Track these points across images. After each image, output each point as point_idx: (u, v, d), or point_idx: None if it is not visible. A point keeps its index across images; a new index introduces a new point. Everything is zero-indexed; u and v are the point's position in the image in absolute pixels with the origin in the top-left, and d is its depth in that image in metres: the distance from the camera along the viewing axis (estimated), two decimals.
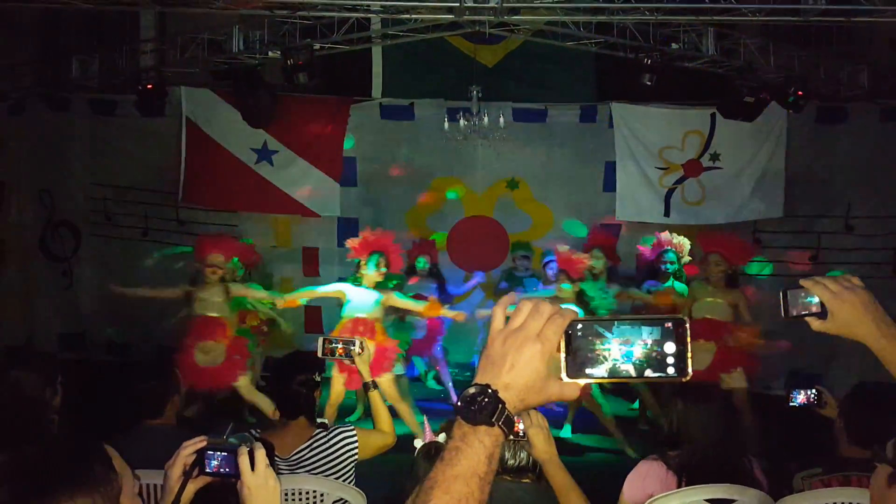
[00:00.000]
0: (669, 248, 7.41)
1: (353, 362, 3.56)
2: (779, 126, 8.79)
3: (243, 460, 1.78)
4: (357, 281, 6.59)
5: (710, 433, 3.11)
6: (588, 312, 6.68)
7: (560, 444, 2.55)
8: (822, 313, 1.66)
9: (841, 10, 6.78)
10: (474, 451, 1.15)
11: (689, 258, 7.39)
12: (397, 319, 7.37)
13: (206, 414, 6.75)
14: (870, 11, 6.71)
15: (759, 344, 6.39)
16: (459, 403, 1.17)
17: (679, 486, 3.05)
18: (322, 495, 3.16)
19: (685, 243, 7.48)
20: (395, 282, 7.49)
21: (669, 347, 1.14)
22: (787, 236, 9.10)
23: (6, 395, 3.20)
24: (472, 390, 1.17)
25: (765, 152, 8.92)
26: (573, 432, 7.10)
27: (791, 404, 3.55)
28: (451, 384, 8.19)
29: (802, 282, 1.69)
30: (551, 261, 7.60)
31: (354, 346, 3.53)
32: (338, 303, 6.79)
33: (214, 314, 6.79)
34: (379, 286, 6.71)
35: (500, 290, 8.47)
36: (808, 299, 1.68)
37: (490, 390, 1.16)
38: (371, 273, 6.53)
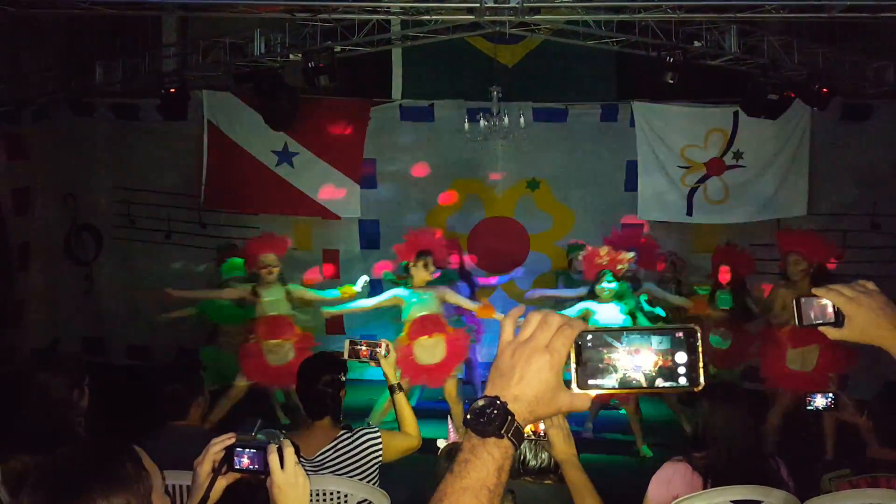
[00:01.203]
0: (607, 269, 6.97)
1: (378, 365, 3.56)
2: (803, 123, 8.70)
3: (273, 458, 1.79)
4: (407, 283, 6.63)
5: (736, 434, 3.08)
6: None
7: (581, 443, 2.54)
8: (838, 321, 1.64)
9: (866, 5, 6.70)
10: (483, 463, 1.14)
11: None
12: (459, 319, 7.39)
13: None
14: (895, 7, 6.62)
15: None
16: (468, 416, 1.17)
17: (705, 488, 3.03)
18: (346, 496, 3.17)
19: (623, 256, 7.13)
20: (452, 278, 7.58)
21: (681, 357, 1.13)
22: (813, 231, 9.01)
23: (35, 397, 3.24)
24: (481, 402, 1.16)
25: (789, 150, 8.83)
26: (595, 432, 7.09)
27: (808, 408, 3.60)
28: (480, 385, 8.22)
29: (815, 290, 1.66)
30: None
31: (380, 348, 3.53)
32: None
33: (278, 313, 6.86)
34: (432, 283, 6.78)
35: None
36: (823, 307, 1.66)
37: (499, 402, 1.15)
38: (423, 273, 6.56)
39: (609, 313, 6.64)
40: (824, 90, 7.74)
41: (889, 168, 8.66)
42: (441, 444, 2.59)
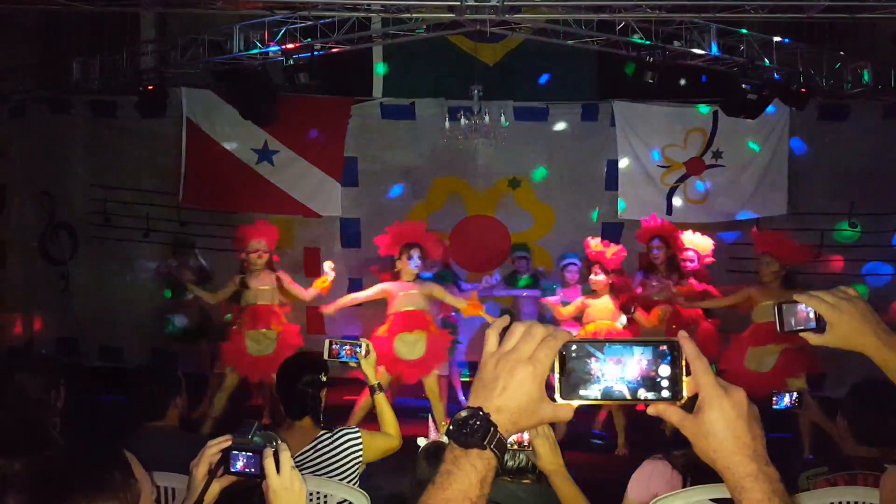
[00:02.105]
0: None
1: (358, 365, 3.54)
2: (781, 123, 8.78)
3: (269, 462, 1.77)
4: (396, 277, 6.60)
5: None
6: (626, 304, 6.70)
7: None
8: (820, 327, 1.64)
9: (844, 6, 6.77)
10: (466, 474, 1.14)
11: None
12: (444, 320, 7.35)
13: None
14: (872, 7, 6.70)
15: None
16: (451, 427, 1.16)
17: (684, 486, 3.04)
18: (326, 497, 3.15)
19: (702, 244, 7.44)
20: (448, 276, 7.55)
21: (664, 370, 1.13)
22: (789, 234, 9.07)
23: (10, 398, 3.19)
24: (463, 413, 1.16)
25: (767, 149, 8.90)
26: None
27: (774, 408, 3.66)
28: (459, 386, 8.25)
29: (797, 296, 1.66)
30: (571, 263, 7.58)
31: (360, 348, 3.51)
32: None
33: (266, 302, 6.80)
34: (433, 279, 6.76)
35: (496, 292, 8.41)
36: (805, 313, 1.66)
37: (482, 413, 1.15)
38: (409, 267, 6.50)
39: (602, 307, 6.65)
40: (802, 90, 7.81)
41: (866, 168, 8.75)
42: (421, 442, 2.58)
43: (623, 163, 9.01)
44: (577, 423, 6.94)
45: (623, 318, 6.67)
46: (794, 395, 3.68)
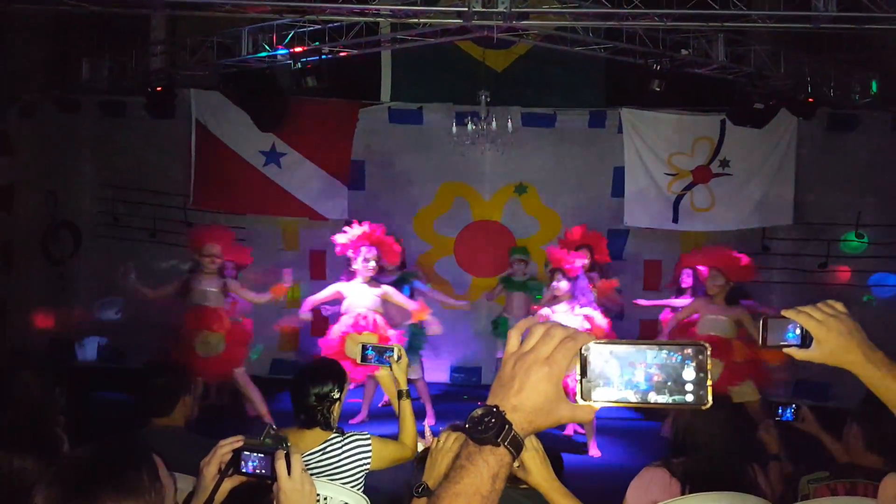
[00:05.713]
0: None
1: (391, 369, 3.53)
2: (789, 133, 8.76)
3: (280, 464, 1.78)
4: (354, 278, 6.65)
5: (717, 441, 3.09)
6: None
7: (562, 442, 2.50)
8: (806, 343, 1.64)
9: (852, 16, 6.75)
10: (478, 469, 1.17)
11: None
12: (414, 326, 7.37)
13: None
14: (881, 18, 6.68)
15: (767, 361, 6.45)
16: (467, 424, 1.20)
17: (683, 494, 3.04)
18: (326, 499, 3.16)
19: None
20: (412, 278, 7.57)
21: (689, 374, 1.12)
22: (796, 244, 9.06)
23: (17, 396, 3.21)
24: (480, 411, 1.19)
25: (775, 159, 8.88)
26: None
27: (776, 419, 3.77)
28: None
29: (785, 312, 1.66)
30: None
31: (392, 353, 3.50)
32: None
33: (211, 304, 6.84)
34: (399, 281, 6.76)
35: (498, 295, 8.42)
36: (790, 329, 1.65)
37: (496, 411, 1.18)
38: (363, 268, 6.52)
39: (562, 315, 6.60)
40: (810, 100, 7.80)
41: (874, 178, 8.73)
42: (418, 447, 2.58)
43: (629, 170, 9.00)
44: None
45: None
46: (794, 407, 3.78)
